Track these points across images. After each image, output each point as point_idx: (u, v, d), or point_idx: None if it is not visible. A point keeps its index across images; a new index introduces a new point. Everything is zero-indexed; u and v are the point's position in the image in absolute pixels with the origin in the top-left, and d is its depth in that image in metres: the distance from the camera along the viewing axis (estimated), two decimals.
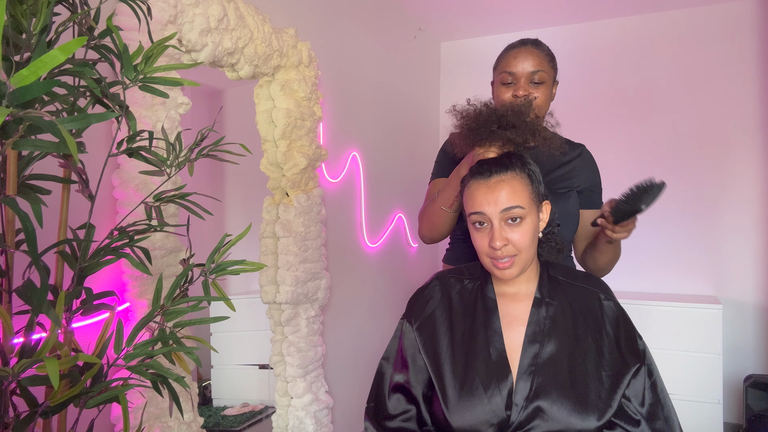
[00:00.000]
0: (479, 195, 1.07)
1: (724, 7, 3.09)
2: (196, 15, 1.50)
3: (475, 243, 1.10)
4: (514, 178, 1.07)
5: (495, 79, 1.51)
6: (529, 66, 1.42)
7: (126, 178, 1.34)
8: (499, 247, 1.05)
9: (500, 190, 1.05)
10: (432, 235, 1.50)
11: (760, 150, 3.02)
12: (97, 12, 0.90)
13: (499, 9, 3.19)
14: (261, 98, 1.99)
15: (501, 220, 1.05)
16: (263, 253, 2.02)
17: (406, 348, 1.18)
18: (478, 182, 1.08)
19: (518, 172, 1.08)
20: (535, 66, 1.42)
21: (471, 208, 1.09)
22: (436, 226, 1.46)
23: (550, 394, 1.03)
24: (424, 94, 3.55)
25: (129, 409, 1.08)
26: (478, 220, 1.08)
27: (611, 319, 1.12)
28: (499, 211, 1.05)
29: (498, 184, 1.06)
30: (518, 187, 1.06)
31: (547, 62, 1.45)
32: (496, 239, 1.04)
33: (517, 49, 1.45)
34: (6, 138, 0.65)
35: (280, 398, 2.07)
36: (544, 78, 1.43)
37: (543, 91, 1.43)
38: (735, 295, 3.06)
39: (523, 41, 1.47)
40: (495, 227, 1.05)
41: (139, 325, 0.87)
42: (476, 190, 1.08)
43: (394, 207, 3.07)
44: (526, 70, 1.42)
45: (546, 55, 1.45)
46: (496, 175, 1.07)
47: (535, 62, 1.42)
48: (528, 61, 1.42)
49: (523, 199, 1.06)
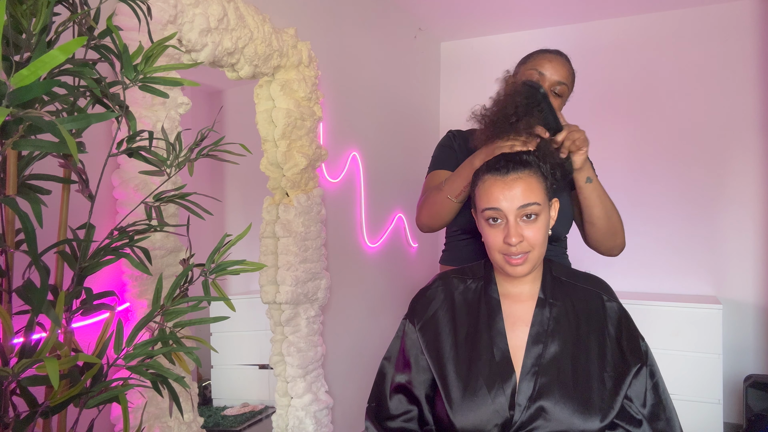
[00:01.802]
0: (496, 190, 1.07)
1: (724, 7, 3.09)
2: (196, 15, 1.50)
3: (488, 239, 1.10)
4: (531, 175, 1.08)
5: (519, 72, 1.52)
6: (558, 75, 1.46)
7: (126, 178, 1.34)
8: (515, 243, 1.05)
9: (517, 186, 1.06)
10: (432, 223, 1.49)
11: (759, 150, 3.02)
12: (97, 12, 0.90)
13: (499, 9, 3.19)
14: (261, 98, 1.99)
15: (517, 217, 1.06)
16: (263, 253, 2.02)
17: (409, 348, 1.17)
18: (494, 178, 1.08)
19: (534, 170, 1.09)
20: (562, 77, 1.46)
21: (486, 204, 1.08)
22: (439, 215, 1.46)
23: (553, 395, 1.03)
24: (424, 94, 3.55)
25: (129, 409, 1.08)
26: (493, 216, 1.08)
27: (613, 320, 1.12)
28: (515, 208, 1.05)
29: (515, 181, 1.06)
30: (534, 185, 1.07)
31: (571, 81, 1.50)
32: (512, 235, 1.04)
33: (552, 54, 1.49)
34: (6, 138, 0.65)
35: (280, 398, 2.07)
36: (564, 92, 1.48)
37: (558, 103, 1.47)
38: (735, 295, 3.06)
39: (559, 52, 1.51)
40: (511, 223, 1.05)
41: (139, 325, 0.87)
42: (492, 186, 1.08)
43: (394, 207, 3.07)
44: (554, 77, 1.46)
45: (572, 74, 1.51)
46: (514, 172, 1.07)
47: (564, 74, 1.47)
48: (559, 71, 1.46)
49: (539, 196, 1.07)
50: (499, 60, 3.40)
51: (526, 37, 3.51)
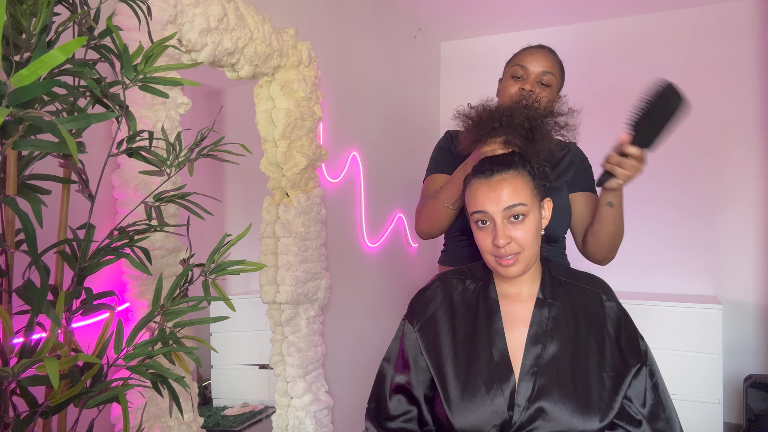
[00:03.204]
0: (481, 194, 1.07)
1: (724, 7, 3.09)
2: (196, 15, 1.50)
3: (478, 242, 1.10)
4: (516, 176, 1.07)
5: (505, 73, 1.54)
6: (540, 66, 1.47)
7: (126, 178, 1.34)
8: (503, 245, 1.05)
9: (502, 188, 1.06)
10: (431, 230, 1.50)
11: (760, 150, 3.02)
12: (97, 12, 0.90)
13: (499, 9, 3.19)
14: (261, 98, 1.99)
15: (503, 218, 1.06)
16: (263, 253, 2.02)
17: (408, 349, 1.17)
18: (479, 181, 1.09)
19: (520, 170, 1.08)
20: (546, 67, 1.47)
21: (473, 207, 1.09)
22: (437, 223, 1.46)
23: (552, 395, 1.03)
24: (424, 94, 3.55)
25: (129, 409, 1.08)
26: (481, 219, 1.08)
27: (613, 320, 1.12)
28: (501, 210, 1.05)
29: (499, 183, 1.06)
30: (519, 185, 1.06)
31: (558, 70, 1.50)
32: (500, 237, 1.04)
33: (534, 48, 1.51)
34: (6, 138, 0.65)
35: (280, 398, 2.07)
36: (552, 82, 1.48)
37: (548, 94, 1.47)
38: (735, 295, 3.06)
39: (541, 45, 1.52)
40: (498, 225, 1.05)
41: (139, 325, 0.87)
42: (478, 189, 1.08)
43: (394, 207, 3.07)
44: (538, 69, 1.47)
45: (558, 64, 1.51)
46: (498, 173, 1.07)
47: (547, 64, 1.48)
48: (541, 61, 1.47)
49: (525, 196, 1.06)
50: (499, 60, 3.38)
51: (526, 37, 3.49)
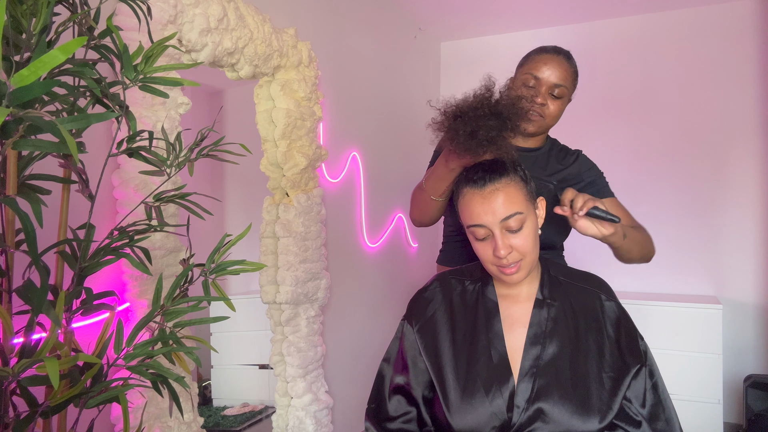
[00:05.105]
0: (476, 206, 1.05)
1: (724, 7, 3.09)
2: (196, 15, 1.50)
3: (478, 253, 1.09)
4: (509, 184, 1.05)
5: (517, 76, 1.49)
6: (555, 77, 1.41)
7: (126, 178, 1.34)
8: (504, 256, 1.03)
9: (496, 198, 1.03)
10: (422, 220, 1.50)
11: (760, 150, 3.02)
12: (97, 12, 0.90)
13: (499, 9, 3.19)
14: (261, 98, 1.99)
15: (502, 229, 1.04)
16: (263, 253, 2.02)
17: (407, 350, 1.17)
18: (473, 191, 1.06)
19: (511, 176, 1.06)
20: (560, 79, 1.41)
21: (469, 221, 1.07)
22: (427, 213, 1.45)
23: (551, 396, 1.03)
24: (424, 94, 3.55)
25: (129, 409, 1.08)
26: (479, 232, 1.06)
27: (612, 320, 1.11)
28: (498, 221, 1.03)
29: (493, 193, 1.04)
30: (513, 193, 1.05)
31: (571, 80, 1.45)
32: (500, 248, 1.03)
33: (549, 55, 1.44)
34: (6, 138, 0.65)
35: (280, 398, 2.07)
36: (564, 94, 1.43)
37: (558, 105, 1.44)
38: (735, 295, 3.06)
39: (557, 50, 1.45)
40: (497, 236, 1.04)
41: (139, 325, 0.87)
42: (471, 201, 1.06)
43: (394, 207, 3.07)
44: (551, 80, 1.41)
45: (573, 72, 1.45)
46: (491, 183, 1.05)
47: (561, 75, 1.42)
48: (556, 72, 1.41)
49: (520, 203, 1.05)
50: (499, 60, 3.40)
51: (526, 37, 3.51)
